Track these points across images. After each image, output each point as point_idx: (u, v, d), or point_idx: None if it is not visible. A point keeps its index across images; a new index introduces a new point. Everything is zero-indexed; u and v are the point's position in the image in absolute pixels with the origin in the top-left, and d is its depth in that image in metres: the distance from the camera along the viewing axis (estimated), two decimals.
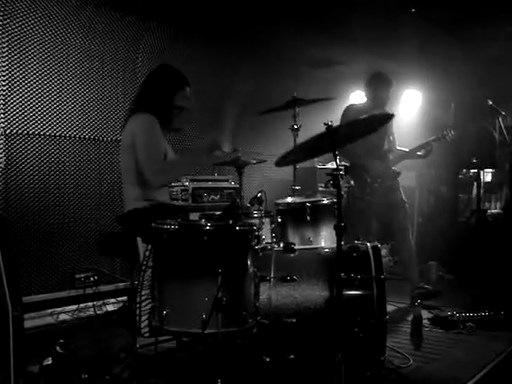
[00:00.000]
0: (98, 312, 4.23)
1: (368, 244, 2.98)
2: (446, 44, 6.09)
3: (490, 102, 5.15)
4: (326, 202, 3.39)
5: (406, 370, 3.03)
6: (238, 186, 5.00)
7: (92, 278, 4.34)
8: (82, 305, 4.26)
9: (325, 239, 3.36)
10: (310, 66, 6.55)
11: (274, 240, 3.38)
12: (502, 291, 4.81)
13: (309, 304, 2.76)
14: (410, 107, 6.78)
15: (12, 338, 2.55)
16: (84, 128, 4.49)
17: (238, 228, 2.52)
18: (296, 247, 3.04)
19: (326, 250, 3.02)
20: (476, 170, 6.44)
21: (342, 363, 2.49)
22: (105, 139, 4.63)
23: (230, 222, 2.49)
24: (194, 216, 4.26)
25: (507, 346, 3.48)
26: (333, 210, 3.36)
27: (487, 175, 7.31)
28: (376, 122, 3.10)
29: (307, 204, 3.33)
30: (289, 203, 3.48)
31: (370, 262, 2.83)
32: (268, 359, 2.80)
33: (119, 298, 4.44)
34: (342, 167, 2.64)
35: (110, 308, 4.34)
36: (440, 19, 5.77)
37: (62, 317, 4.14)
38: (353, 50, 6.15)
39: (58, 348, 2.60)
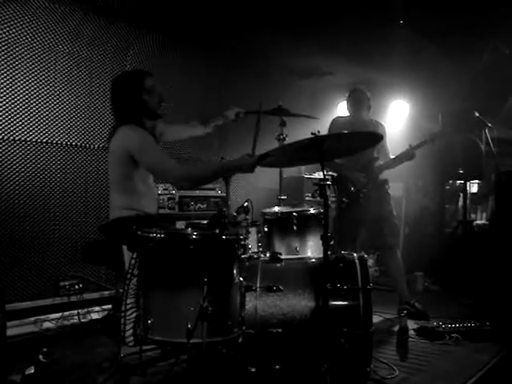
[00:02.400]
0: (83, 320, 4.19)
1: (354, 254, 2.99)
2: (433, 56, 6.13)
3: (477, 114, 5.19)
4: (312, 211, 3.39)
5: (392, 382, 3.03)
6: (224, 194, 5.02)
7: (77, 286, 4.30)
8: (66, 313, 4.21)
9: (311, 249, 3.35)
10: (298, 76, 6.58)
11: (261, 249, 3.38)
12: (488, 302, 4.83)
13: (295, 314, 2.75)
14: (398, 118, 6.82)
15: None
16: (71, 135, 4.47)
17: (224, 237, 2.51)
18: (282, 257, 3.03)
19: (313, 260, 3.01)
20: (462, 181, 6.49)
21: (328, 374, 2.49)
22: (91, 146, 4.60)
23: (217, 231, 2.48)
24: (180, 225, 4.25)
25: (491, 358, 3.50)
26: (319, 220, 3.36)
27: (473, 186, 7.36)
28: (364, 140, 3.14)
29: (294, 214, 3.33)
30: (275, 213, 3.48)
31: (356, 272, 2.83)
32: (253, 369, 2.78)
33: (104, 306, 4.40)
34: (329, 177, 2.65)
35: (95, 316, 4.30)
36: (428, 31, 5.82)
37: (46, 325, 4.09)
38: (341, 60, 6.19)
39: (40, 357, 2.56)
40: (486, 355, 3.53)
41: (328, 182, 3.43)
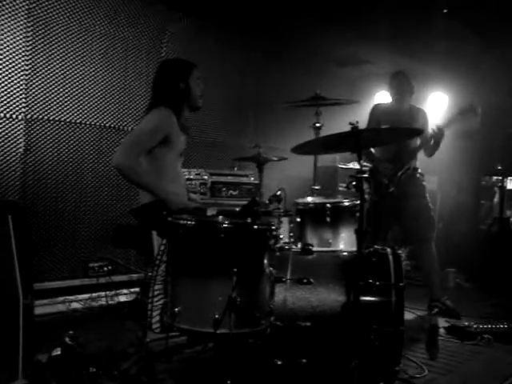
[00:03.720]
0: (111, 302, 4.20)
1: (388, 249, 2.90)
2: (476, 47, 5.94)
3: None
4: (347, 203, 3.30)
5: (420, 382, 2.96)
6: (257, 182, 4.95)
7: (106, 268, 4.31)
8: (94, 294, 4.23)
9: (344, 242, 3.28)
10: (336, 64, 6.45)
11: (292, 240, 3.31)
12: None
13: (324, 308, 2.68)
14: (436, 110, 6.63)
15: (22, 327, 2.52)
16: (105, 116, 4.46)
17: (255, 227, 2.46)
18: (314, 249, 2.96)
19: (345, 254, 2.93)
20: (500, 177, 6.31)
21: (356, 371, 2.43)
22: (125, 129, 4.59)
23: (249, 220, 2.43)
24: (211, 211, 4.21)
25: None
26: (354, 212, 3.28)
27: (510, 183, 7.17)
28: (403, 133, 3.06)
29: (328, 205, 3.25)
30: (309, 203, 3.41)
31: (389, 267, 2.75)
32: (280, 362, 2.73)
33: (132, 290, 4.41)
34: (366, 170, 2.56)
35: (123, 299, 4.31)
36: (472, 22, 5.64)
37: (74, 305, 4.11)
38: (380, 49, 6.05)
39: (67, 339, 2.56)
40: None
41: (365, 175, 3.44)
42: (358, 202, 3.29)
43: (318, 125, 3.86)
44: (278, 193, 3.48)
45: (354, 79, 6.60)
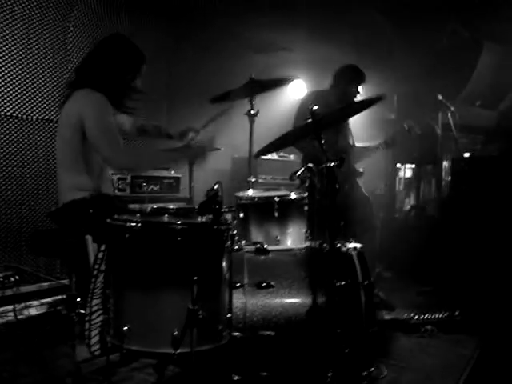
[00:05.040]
0: (20, 317, 3.64)
1: (349, 246, 2.67)
2: (389, 35, 5.93)
3: (440, 97, 5.02)
4: (294, 196, 3.03)
5: (383, 382, 2.78)
6: (179, 176, 4.58)
7: (12, 278, 3.74)
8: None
9: (292, 239, 3.00)
10: (253, 50, 6.17)
11: (237, 239, 2.99)
12: (448, 289, 4.71)
13: (289, 314, 2.40)
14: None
15: None
16: (4, 104, 3.85)
17: (215, 227, 2.13)
18: (269, 248, 2.67)
19: (303, 252, 2.67)
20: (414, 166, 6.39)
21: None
22: (28, 118, 4.01)
23: (209, 219, 2.09)
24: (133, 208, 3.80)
25: (473, 352, 3.33)
26: (302, 206, 3.02)
27: (407, 171, 7.30)
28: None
29: (275, 199, 2.95)
30: (253, 197, 3.10)
31: (355, 266, 2.52)
32: (237, 377, 2.42)
33: (43, 300, 3.87)
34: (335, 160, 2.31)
35: (33, 312, 3.76)
36: (386, 8, 5.60)
37: None
38: (298, 36, 5.85)
39: None
40: (467, 349, 3.37)
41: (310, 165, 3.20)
42: (306, 194, 3.10)
43: (252, 112, 3.55)
44: (215, 187, 3.15)
45: (270, 66, 6.34)
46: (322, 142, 2.45)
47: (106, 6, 4.52)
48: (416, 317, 3.80)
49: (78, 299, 2.65)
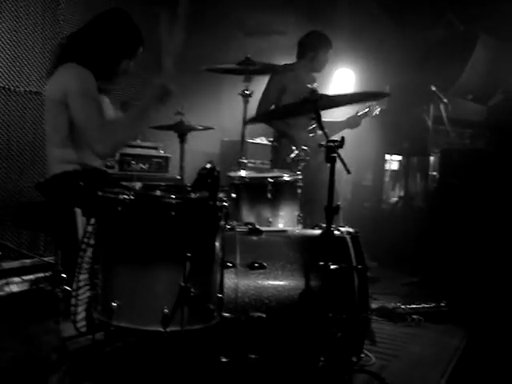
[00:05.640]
0: (0, 293, 3.56)
1: (343, 229, 2.63)
2: (384, 24, 5.89)
3: (434, 88, 4.99)
4: (288, 178, 2.97)
5: (372, 369, 2.75)
6: (168, 155, 4.50)
7: None
8: None
9: (284, 221, 2.95)
10: (244, 33, 6.08)
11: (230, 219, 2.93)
12: (434, 280, 4.72)
13: (281, 297, 2.35)
14: (343, 86, 6.51)
15: None
16: None
17: (211, 203, 2.06)
18: (262, 228, 2.61)
19: (297, 234, 2.62)
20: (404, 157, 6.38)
21: (324, 368, 2.14)
22: (16, 90, 3.89)
23: (205, 194, 2.03)
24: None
25: (460, 342, 3.33)
26: (295, 188, 2.97)
27: (393, 163, 7.29)
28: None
29: (269, 180, 2.89)
30: (245, 178, 3.03)
31: (348, 249, 2.48)
32: (225, 359, 2.37)
33: (26, 277, 3.78)
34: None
35: (15, 289, 3.67)
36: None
37: None
38: (290, 20, 5.78)
39: None
40: (455, 339, 3.37)
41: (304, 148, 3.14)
42: (300, 176, 3.05)
43: (247, 92, 3.47)
44: (208, 165, 3.08)
45: (262, 50, 6.26)
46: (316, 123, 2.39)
47: None
48: (403, 306, 3.80)
49: (64, 275, 2.59)
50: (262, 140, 5.85)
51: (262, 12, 5.61)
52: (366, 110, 4.41)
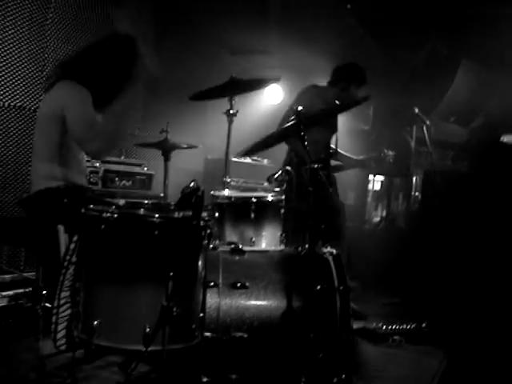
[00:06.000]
0: None
1: (326, 249, 2.64)
2: (369, 46, 5.97)
3: (417, 110, 5.06)
4: (271, 198, 2.98)
5: None
6: (152, 172, 4.49)
7: None
8: None
9: (267, 241, 2.96)
10: (229, 52, 6.13)
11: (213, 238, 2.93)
12: (415, 301, 4.74)
13: (263, 316, 2.35)
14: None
15: None
16: None
17: (195, 223, 2.07)
18: (245, 249, 2.62)
19: (279, 254, 2.63)
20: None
21: None
22: (0, 104, 3.87)
23: (189, 213, 2.03)
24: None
25: (440, 363, 3.34)
26: (278, 208, 2.99)
27: (377, 183, 7.36)
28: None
29: (253, 200, 2.91)
30: (229, 197, 3.04)
31: (331, 270, 2.49)
32: (205, 379, 2.36)
33: (4, 293, 3.73)
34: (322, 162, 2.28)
35: None
36: (366, 20, 5.64)
37: None
38: (275, 40, 5.84)
39: None
40: (435, 359, 3.37)
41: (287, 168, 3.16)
42: (283, 197, 3.06)
43: (232, 112, 3.49)
44: (191, 184, 3.08)
45: (246, 69, 6.31)
46: (306, 143, 2.42)
47: None
48: (384, 327, 3.81)
49: (44, 292, 2.56)
50: (246, 159, 5.88)
51: (246, 31, 5.66)
52: (382, 154, 4.46)
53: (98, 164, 3.88)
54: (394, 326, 3.80)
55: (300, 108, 2.47)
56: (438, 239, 5.05)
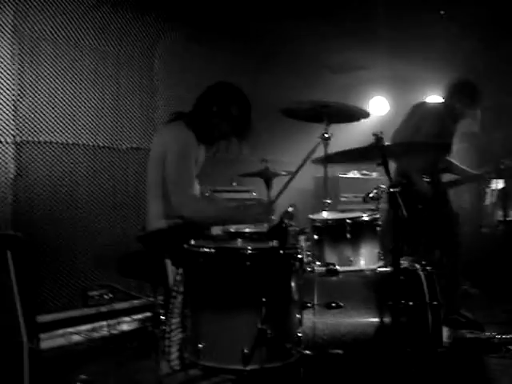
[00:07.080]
0: (113, 332, 3.94)
1: (417, 265, 2.71)
2: (472, 49, 5.82)
3: None
4: (366, 218, 3.09)
5: None
6: (260, 197, 4.74)
7: (106, 296, 4.06)
8: (96, 324, 3.97)
9: (365, 259, 3.06)
10: (330, 71, 6.27)
11: (310, 259, 3.10)
12: None
13: (357, 333, 2.48)
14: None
15: (28, 374, 2.29)
16: (98, 136, 4.22)
17: (282, 251, 2.25)
18: (339, 269, 2.76)
19: (373, 273, 2.74)
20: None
21: None
22: (119, 147, 4.35)
23: (276, 244, 2.22)
24: (215, 231, 3.99)
25: None
26: (374, 227, 3.09)
27: (499, 183, 7.05)
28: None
29: (347, 221, 3.03)
30: (326, 219, 3.19)
31: (422, 286, 2.56)
32: None
33: (135, 317, 4.16)
34: (398, 184, 2.37)
35: (125, 327, 4.06)
36: (466, 22, 5.51)
37: (75, 338, 3.84)
38: (375, 54, 5.89)
39: None
40: None
41: (382, 187, 3.24)
42: (378, 216, 3.16)
43: (326, 135, 3.63)
44: (290, 209, 3.27)
45: (348, 86, 6.41)
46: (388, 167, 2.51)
47: (185, 38, 4.79)
48: (499, 336, 3.73)
49: (163, 317, 2.87)
50: (355, 174, 5.97)
51: (347, 48, 5.77)
52: (500, 166, 4.35)
53: (208, 194, 4.17)
54: (507, 335, 3.71)
55: (380, 132, 2.56)
56: None
